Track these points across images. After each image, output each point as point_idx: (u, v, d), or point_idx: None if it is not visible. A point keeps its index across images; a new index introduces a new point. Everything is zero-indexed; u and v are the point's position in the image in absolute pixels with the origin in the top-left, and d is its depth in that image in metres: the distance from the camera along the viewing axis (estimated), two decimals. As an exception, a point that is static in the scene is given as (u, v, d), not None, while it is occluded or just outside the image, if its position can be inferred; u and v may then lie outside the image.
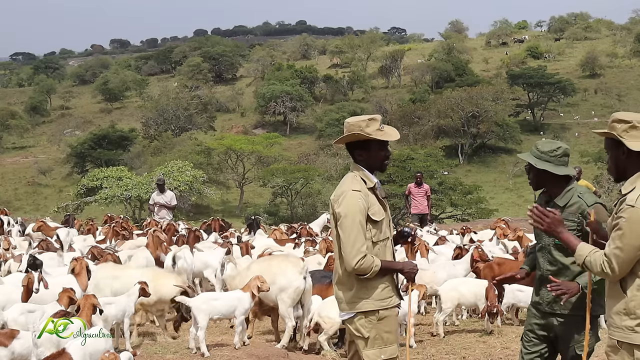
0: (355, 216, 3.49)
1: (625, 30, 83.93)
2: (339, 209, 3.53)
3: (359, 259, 3.47)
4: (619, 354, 3.18)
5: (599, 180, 36.13)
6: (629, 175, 3.24)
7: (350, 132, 3.60)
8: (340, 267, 3.59)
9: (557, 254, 3.82)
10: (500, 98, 59.47)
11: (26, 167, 61.58)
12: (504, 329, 7.50)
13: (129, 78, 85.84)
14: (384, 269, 3.57)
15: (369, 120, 3.59)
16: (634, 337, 3.12)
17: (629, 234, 3.07)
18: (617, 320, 3.19)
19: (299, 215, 37.59)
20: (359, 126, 3.58)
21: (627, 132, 3.22)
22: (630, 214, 3.07)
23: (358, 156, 3.66)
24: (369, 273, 3.51)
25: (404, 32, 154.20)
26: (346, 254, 3.49)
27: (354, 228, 3.48)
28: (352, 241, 3.48)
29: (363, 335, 3.56)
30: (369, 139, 3.59)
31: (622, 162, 3.27)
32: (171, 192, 14.53)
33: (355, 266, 3.48)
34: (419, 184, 14.26)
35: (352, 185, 3.58)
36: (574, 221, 3.74)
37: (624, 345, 3.16)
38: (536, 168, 3.80)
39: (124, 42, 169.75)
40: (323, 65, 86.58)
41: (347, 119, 3.71)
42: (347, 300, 3.59)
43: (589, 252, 3.25)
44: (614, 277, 3.15)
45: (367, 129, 3.57)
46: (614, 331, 3.20)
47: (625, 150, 3.22)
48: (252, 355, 6.19)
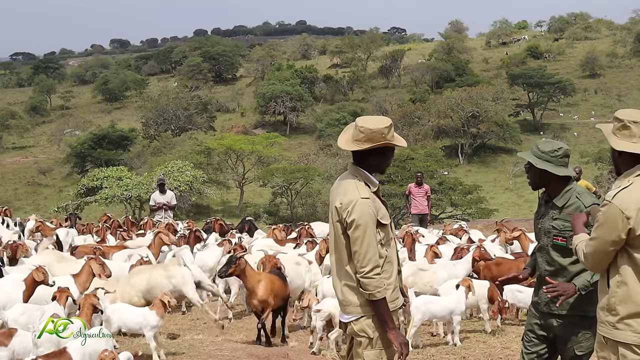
0: (367, 225, 3.48)
1: (625, 30, 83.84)
2: (350, 218, 3.49)
3: (372, 268, 3.45)
4: (605, 351, 3.21)
5: (599, 180, 36.15)
6: (622, 172, 3.26)
7: (377, 142, 3.53)
8: (354, 273, 3.54)
9: (554, 254, 3.83)
10: (500, 98, 59.47)
11: (26, 167, 61.56)
12: (504, 329, 7.51)
13: (129, 78, 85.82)
14: (382, 306, 3.49)
15: (389, 127, 3.56)
16: (615, 334, 3.16)
17: (602, 227, 3.18)
18: (602, 316, 3.25)
19: (299, 215, 37.57)
20: (382, 133, 3.53)
21: (619, 131, 3.25)
22: (607, 209, 3.16)
23: (372, 161, 3.61)
24: (372, 291, 3.46)
25: (404, 32, 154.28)
26: (359, 263, 3.47)
27: (366, 238, 3.46)
28: (364, 251, 3.46)
29: (368, 336, 3.55)
30: (390, 145, 3.58)
31: (616, 160, 3.30)
32: (171, 192, 14.59)
33: (368, 275, 3.44)
34: (419, 184, 14.25)
35: (360, 192, 3.54)
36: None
37: (609, 342, 3.20)
38: (536, 168, 3.79)
39: (124, 42, 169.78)
40: (323, 65, 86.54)
41: (361, 122, 3.59)
42: (359, 304, 3.55)
43: (580, 240, 3.36)
44: (587, 266, 3.35)
45: (389, 135, 3.55)
46: (600, 326, 3.25)
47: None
48: (252, 355, 6.19)
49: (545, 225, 3.87)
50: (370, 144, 3.54)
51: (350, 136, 3.61)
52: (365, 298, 3.52)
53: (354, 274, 3.55)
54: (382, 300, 3.48)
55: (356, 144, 3.57)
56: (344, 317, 3.66)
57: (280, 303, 7.23)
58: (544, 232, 3.88)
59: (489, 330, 7.37)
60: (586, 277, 3.72)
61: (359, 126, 3.57)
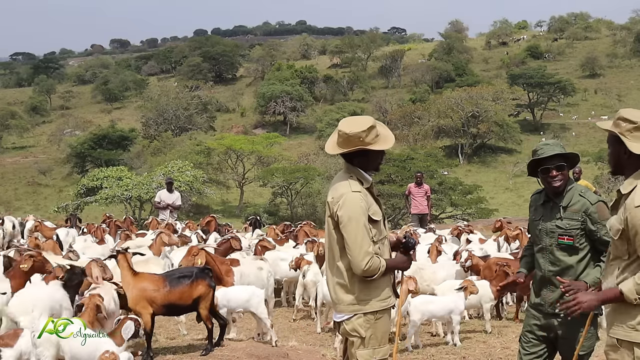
0: (359, 218, 3.46)
1: (625, 30, 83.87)
2: (341, 212, 3.48)
3: (368, 260, 3.44)
4: (619, 353, 3.18)
5: (599, 180, 36.14)
6: (627, 173, 3.24)
7: (353, 146, 3.51)
8: (346, 270, 3.54)
9: (560, 254, 3.82)
10: (500, 98, 59.47)
11: (26, 167, 61.54)
12: (504, 329, 7.51)
13: (129, 78, 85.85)
14: (388, 268, 3.56)
15: (368, 130, 3.51)
16: (634, 335, 3.13)
17: None
18: (618, 319, 3.19)
19: (299, 215, 37.56)
20: (359, 137, 3.50)
21: (630, 133, 3.21)
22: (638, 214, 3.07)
23: (357, 163, 3.60)
24: (377, 274, 3.49)
25: (404, 32, 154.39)
26: (354, 257, 3.45)
27: (359, 230, 3.45)
28: (359, 243, 3.44)
29: (360, 335, 3.54)
30: (366, 150, 3.54)
31: (623, 161, 3.27)
32: (177, 192, 14.57)
33: (365, 267, 3.44)
34: (419, 184, 14.24)
35: (351, 186, 3.53)
36: (578, 220, 3.75)
37: (624, 344, 3.16)
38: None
39: (124, 42, 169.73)
40: (323, 65, 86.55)
41: (341, 125, 3.58)
42: (350, 302, 3.54)
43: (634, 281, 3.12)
44: None
45: (367, 138, 3.51)
46: (614, 329, 3.20)
47: (627, 150, 3.23)
48: (252, 355, 6.18)
49: (547, 226, 3.86)
50: (348, 148, 3.53)
51: (334, 140, 3.62)
52: (353, 296, 3.53)
53: (345, 270, 3.54)
54: (386, 269, 3.54)
55: (338, 148, 3.58)
56: (337, 317, 3.65)
57: (162, 310, 6.14)
58: (546, 232, 3.86)
59: (489, 330, 7.37)
60: (595, 274, 3.73)
61: (339, 130, 3.58)
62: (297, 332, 7.89)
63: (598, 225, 3.70)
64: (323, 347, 6.92)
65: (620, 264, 3.20)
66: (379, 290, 3.57)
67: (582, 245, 3.77)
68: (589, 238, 3.76)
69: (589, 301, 3.26)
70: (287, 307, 9.36)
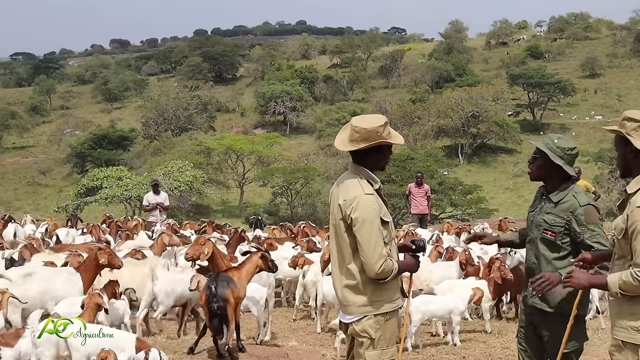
0: (374, 220, 3.48)
1: (625, 30, 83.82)
2: (355, 214, 3.47)
3: (382, 263, 3.45)
4: (623, 353, 3.21)
5: (599, 180, 36.17)
6: (635, 173, 3.25)
7: (372, 141, 3.53)
8: (359, 272, 3.54)
9: (542, 247, 3.88)
10: (500, 98, 59.47)
11: (26, 167, 61.52)
12: (504, 329, 7.51)
13: (129, 78, 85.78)
14: (399, 270, 3.59)
15: (384, 125, 3.55)
16: (638, 338, 3.15)
17: None
18: (622, 321, 3.21)
19: (299, 215, 37.56)
20: (377, 132, 3.53)
21: (636, 131, 3.24)
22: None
23: (370, 159, 3.61)
24: (390, 276, 3.51)
25: (404, 32, 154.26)
26: (368, 260, 3.46)
27: (373, 233, 3.46)
28: (373, 246, 3.45)
29: (370, 336, 3.55)
30: (386, 143, 3.58)
31: (630, 160, 3.28)
32: (165, 193, 14.62)
33: (379, 270, 3.45)
34: (419, 184, 14.22)
35: (363, 188, 3.54)
36: (563, 218, 3.79)
37: (628, 345, 3.19)
38: (547, 160, 3.81)
39: (124, 42, 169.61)
40: (323, 65, 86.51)
41: (356, 122, 3.60)
42: (362, 304, 3.55)
43: (619, 276, 3.17)
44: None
45: (384, 133, 3.55)
46: (618, 331, 3.22)
47: (633, 149, 3.24)
48: (252, 355, 6.19)
49: (537, 219, 3.93)
50: (366, 143, 3.54)
51: (346, 136, 3.61)
52: (365, 298, 3.54)
53: (357, 272, 3.54)
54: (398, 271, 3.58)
55: (352, 144, 3.58)
56: (345, 318, 3.66)
57: None
58: (535, 225, 3.93)
59: (489, 330, 7.38)
60: None
61: (354, 126, 3.57)
62: (297, 332, 7.88)
63: (583, 227, 3.72)
64: (323, 347, 6.92)
65: (625, 263, 3.22)
66: (390, 292, 3.59)
67: (565, 244, 3.81)
68: (573, 240, 3.78)
69: (581, 279, 3.35)
70: (287, 307, 9.36)
